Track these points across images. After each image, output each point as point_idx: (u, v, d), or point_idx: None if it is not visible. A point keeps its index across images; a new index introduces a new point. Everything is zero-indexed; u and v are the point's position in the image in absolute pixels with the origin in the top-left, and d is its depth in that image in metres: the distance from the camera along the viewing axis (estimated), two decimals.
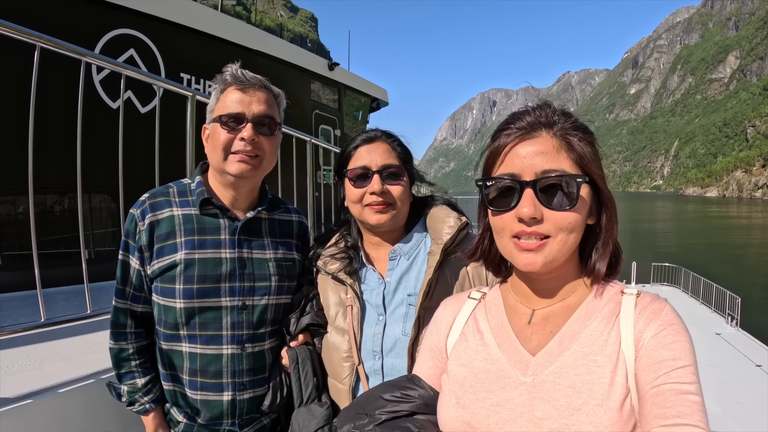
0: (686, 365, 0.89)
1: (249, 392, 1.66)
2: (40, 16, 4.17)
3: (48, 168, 3.50)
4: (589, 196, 1.01)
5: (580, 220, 0.99)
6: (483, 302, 1.22)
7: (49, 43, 2.20)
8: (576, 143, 1.00)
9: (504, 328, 1.10)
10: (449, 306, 1.28)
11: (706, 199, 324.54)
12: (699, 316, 13.26)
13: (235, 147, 1.60)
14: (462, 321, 1.20)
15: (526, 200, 0.96)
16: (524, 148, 0.99)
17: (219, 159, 1.62)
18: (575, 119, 1.02)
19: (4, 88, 3.98)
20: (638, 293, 1.02)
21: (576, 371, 0.95)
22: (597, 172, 1.01)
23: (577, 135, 1.00)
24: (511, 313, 1.13)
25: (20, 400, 1.71)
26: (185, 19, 5.61)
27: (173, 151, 3.02)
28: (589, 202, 1.01)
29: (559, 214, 0.96)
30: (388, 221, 1.56)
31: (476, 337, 1.14)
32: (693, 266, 17.38)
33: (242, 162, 1.60)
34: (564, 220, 0.97)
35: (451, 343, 1.19)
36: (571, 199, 0.96)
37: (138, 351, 1.68)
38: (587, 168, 1.00)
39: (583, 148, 1.00)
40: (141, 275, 1.65)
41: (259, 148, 1.63)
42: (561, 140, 0.99)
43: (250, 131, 1.59)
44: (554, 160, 0.98)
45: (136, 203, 1.68)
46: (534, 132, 1.00)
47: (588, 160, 0.99)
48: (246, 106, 1.61)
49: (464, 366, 1.11)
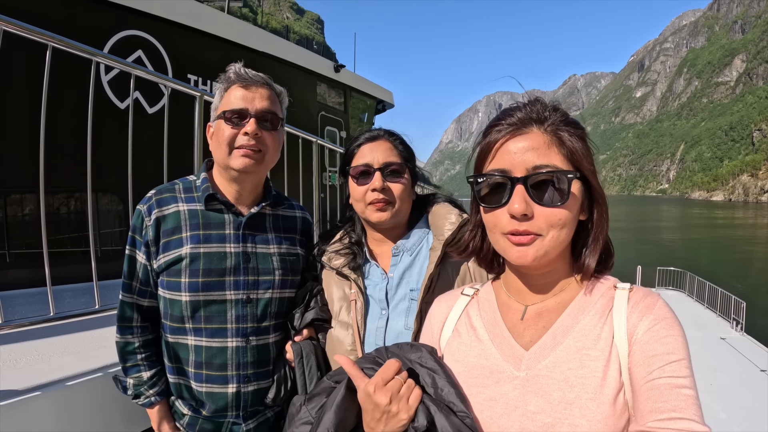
0: (680, 359, 0.89)
1: (253, 384, 1.68)
2: (48, 16, 4.21)
3: (55, 167, 3.55)
4: (581, 191, 1.01)
5: (571, 217, 0.98)
6: (476, 298, 1.22)
7: (61, 42, 2.24)
8: (567, 138, 0.99)
9: (497, 323, 1.11)
10: (442, 303, 1.28)
11: (712, 203, 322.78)
12: (704, 320, 13.21)
13: (238, 142, 1.64)
14: (455, 317, 1.21)
15: (516, 196, 0.96)
16: (515, 144, 0.99)
17: (223, 154, 1.66)
18: (566, 114, 1.02)
19: (14, 88, 4.03)
20: (631, 287, 1.03)
21: (569, 365, 0.96)
22: (588, 167, 1.00)
23: (567, 130, 1.00)
24: (503, 309, 1.13)
25: (28, 392, 1.74)
26: (192, 20, 5.65)
27: (180, 151, 3.05)
28: (580, 198, 1.01)
29: (549, 210, 0.96)
30: (389, 219, 1.60)
31: (470, 333, 1.14)
32: (698, 270, 17.32)
33: (246, 156, 1.64)
34: (555, 216, 0.96)
35: (444, 340, 1.19)
36: (562, 195, 0.96)
37: (144, 344, 1.71)
38: (578, 163, 0.99)
39: (574, 144, 0.99)
40: (147, 270, 1.68)
41: (262, 143, 1.67)
42: (552, 136, 0.99)
43: (253, 126, 1.63)
44: (545, 156, 0.97)
45: (143, 199, 1.72)
46: (525, 128, 0.99)
47: (579, 156, 0.99)
48: (249, 102, 1.65)
49: (458, 361, 1.12)
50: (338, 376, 1.16)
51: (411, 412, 0.97)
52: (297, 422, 1.15)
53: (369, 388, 0.98)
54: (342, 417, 1.03)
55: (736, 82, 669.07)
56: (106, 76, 4.61)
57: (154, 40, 5.14)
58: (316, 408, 1.12)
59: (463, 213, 1.63)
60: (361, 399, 1.01)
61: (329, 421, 1.02)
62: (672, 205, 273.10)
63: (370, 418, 0.99)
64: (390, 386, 0.97)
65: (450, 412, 0.97)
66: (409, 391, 0.98)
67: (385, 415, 0.97)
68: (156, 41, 5.17)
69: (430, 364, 1.06)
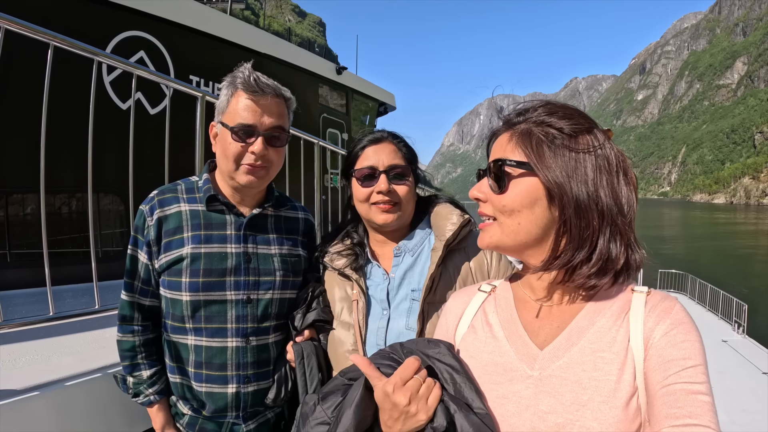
0: (696, 365, 0.88)
1: (253, 385, 1.68)
2: (51, 16, 4.22)
3: (56, 168, 3.55)
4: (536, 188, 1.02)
5: (516, 205, 1.02)
6: (493, 295, 1.22)
7: (63, 42, 2.24)
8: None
9: (513, 321, 1.10)
10: (459, 298, 1.28)
11: (713, 206, 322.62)
12: (706, 323, 13.18)
13: (245, 159, 1.63)
14: (471, 313, 1.20)
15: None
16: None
17: (230, 168, 1.65)
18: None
19: (16, 88, 4.03)
20: (648, 291, 1.01)
21: (583, 367, 0.95)
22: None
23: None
24: (520, 306, 1.13)
25: (27, 392, 1.73)
26: (195, 22, 5.65)
27: (182, 152, 3.05)
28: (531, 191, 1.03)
29: (495, 197, 1.04)
30: (394, 221, 1.60)
31: (485, 330, 1.14)
32: (700, 273, 17.31)
33: (251, 174, 1.64)
34: (498, 202, 1.03)
35: (459, 335, 1.19)
36: (502, 183, 1.03)
37: (144, 343, 1.71)
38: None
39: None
40: (149, 269, 1.68)
41: (268, 161, 1.67)
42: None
43: (260, 146, 1.61)
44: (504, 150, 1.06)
45: (146, 200, 1.72)
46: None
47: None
48: (258, 118, 1.61)
49: (472, 357, 1.11)
50: (352, 373, 1.15)
51: (430, 413, 0.95)
52: (312, 422, 1.12)
53: (388, 388, 0.96)
54: (361, 417, 1.00)
55: (737, 84, 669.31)
56: (108, 77, 4.62)
57: (156, 41, 5.15)
58: (332, 408, 1.09)
59: (464, 214, 1.63)
60: (378, 398, 0.99)
61: (348, 421, 0.99)
62: (673, 207, 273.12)
63: (387, 417, 0.98)
64: (409, 386, 0.96)
65: (469, 410, 0.95)
66: (428, 391, 0.97)
67: (404, 416, 0.95)
68: (158, 42, 5.17)
69: (449, 361, 1.05)
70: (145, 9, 5.05)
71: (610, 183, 0.99)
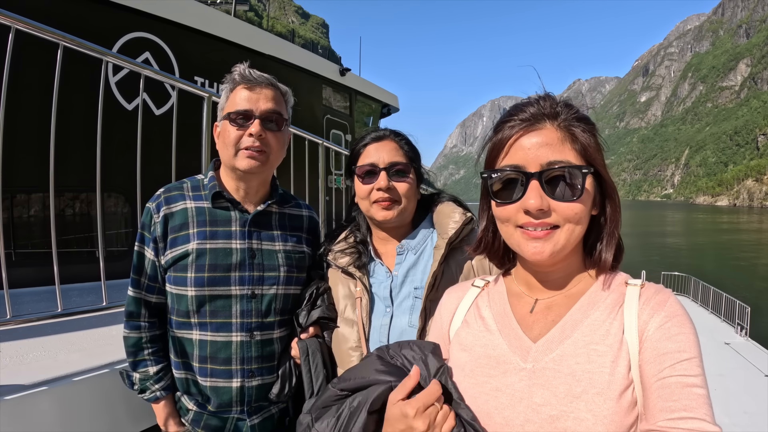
0: (691, 357, 0.88)
1: (257, 379, 1.70)
2: (56, 17, 4.24)
3: (63, 168, 3.57)
4: (593, 186, 1.01)
5: (585, 211, 0.98)
6: (486, 290, 1.23)
7: (72, 42, 2.27)
8: (579, 134, 0.99)
9: (506, 315, 1.11)
10: (453, 294, 1.29)
11: (716, 208, 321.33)
12: (708, 325, 13.13)
13: (243, 143, 1.67)
14: (465, 308, 1.22)
15: (532, 192, 0.96)
16: (528, 140, 0.99)
17: (229, 155, 1.69)
18: (578, 110, 1.02)
19: (24, 88, 4.06)
20: (642, 284, 1.02)
21: (576, 359, 0.95)
22: (600, 162, 1.00)
23: (580, 126, 1.00)
24: (513, 301, 1.14)
25: (34, 387, 1.76)
26: (199, 23, 5.68)
27: (188, 152, 3.08)
28: (593, 193, 1.01)
29: (565, 205, 0.96)
30: (394, 217, 1.62)
31: (478, 324, 1.15)
32: (702, 275, 17.26)
33: (250, 158, 1.67)
34: (571, 211, 0.96)
35: (453, 330, 1.20)
36: (576, 190, 0.96)
37: (151, 340, 1.74)
38: (591, 159, 0.99)
39: (587, 139, 1.00)
40: (155, 266, 1.71)
41: (267, 144, 1.70)
42: (565, 131, 0.99)
43: (258, 127, 1.66)
44: (559, 152, 0.97)
45: (152, 197, 1.75)
46: (538, 123, 0.99)
47: (592, 151, 0.99)
48: (254, 103, 1.68)
49: (465, 351, 1.12)
50: (343, 383, 1.15)
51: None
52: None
53: (409, 411, 0.97)
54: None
55: (740, 86, 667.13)
56: (114, 77, 4.65)
57: (161, 41, 5.18)
58: (327, 429, 1.09)
59: (467, 212, 1.64)
60: (394, 415, 1.00)
61: None
62: (676, 210, 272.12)
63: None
64: (429, 413, 0.97)
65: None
66: (444, 419, 0.98)
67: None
68: (163, 43, 5.20)
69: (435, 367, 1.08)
70: (151, 10, 5.08)
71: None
